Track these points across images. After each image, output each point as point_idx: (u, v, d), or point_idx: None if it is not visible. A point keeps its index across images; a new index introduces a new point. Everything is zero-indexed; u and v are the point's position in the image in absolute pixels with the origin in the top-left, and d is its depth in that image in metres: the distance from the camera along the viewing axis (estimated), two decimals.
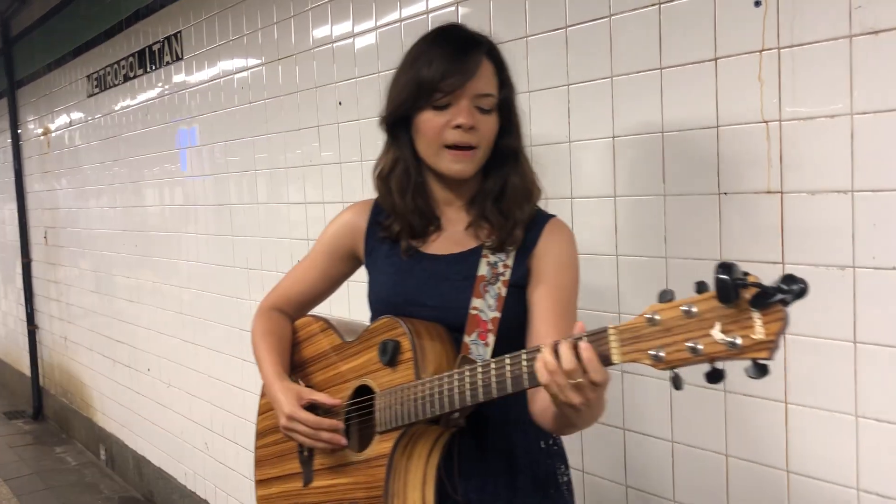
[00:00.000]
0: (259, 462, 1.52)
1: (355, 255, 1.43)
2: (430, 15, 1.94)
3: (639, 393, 1.57)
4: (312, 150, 2.44)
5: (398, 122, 1.29)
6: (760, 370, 0.81)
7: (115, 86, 3.83)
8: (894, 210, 1.17)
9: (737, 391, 1.40)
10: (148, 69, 3.46)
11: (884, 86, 1.17)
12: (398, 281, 1.31)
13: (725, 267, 0.81)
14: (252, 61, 2.69)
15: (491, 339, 1.22)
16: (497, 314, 1.23)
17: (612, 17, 1.53)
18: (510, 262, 1.25)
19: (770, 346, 0.80)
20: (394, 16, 2.06)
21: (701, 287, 0.86)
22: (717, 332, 0.84)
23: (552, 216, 1.31)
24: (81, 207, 4.45)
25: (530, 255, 1.26)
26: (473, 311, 1.24)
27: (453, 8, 1.87)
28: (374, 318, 1.33)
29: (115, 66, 3.78)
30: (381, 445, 1.23)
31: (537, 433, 1.29)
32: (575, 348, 0.95)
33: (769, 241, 1.32)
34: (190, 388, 3.39)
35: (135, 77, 3.60)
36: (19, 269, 5.57)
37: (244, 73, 2.75)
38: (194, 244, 3.23)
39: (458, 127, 1.22)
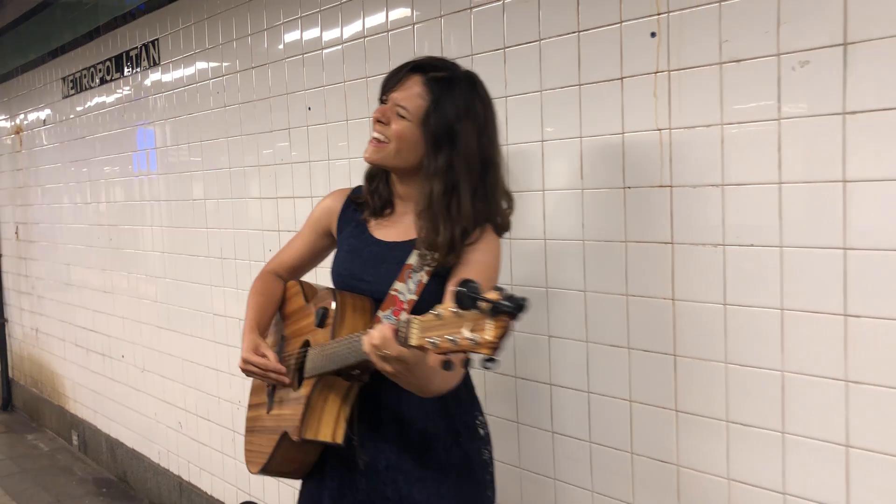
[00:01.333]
0: (251, 391, 1.83)
1: (331, 233, 1.73)
2: (390, 33, 2.23)
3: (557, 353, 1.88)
4: (283, 150, 2.71)
5: None
6: (490, 362, 1.09)
7: (90, 88, 4.04)
8: (752, 199, 1.49)
9: (637, 347, 1.71)
10: (125, 73, 3.69)
11: (745, 102, 1.49)
12: (348, 258, 1.63)
13: (463, 283, 1.09)
14: (227, 67, 2.95)
15: (404, 316, 1.44)
16: (414, 297, 1.51)
17: (542, 41, 1.83)
18: (438, 256, 1.51)
19: (492, 346, 1.08)
20: (357, 29, 2.34)
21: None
22: (466, 331, 1.10)
23: (487, 225, 1.53)
24: (53, 203, 4.65)
25: (457, 254, 1.51)
26: (393, 292, 1.53)
27: (409, 27, 2.16)
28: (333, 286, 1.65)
29: (92, 69, 4.00)
30: (305, 388, 1.55)
31: (419, 398, 1.51)
32: (384, 330, 1.27)
33: (662, 226, 1.64)
34: (163, 371, 3.63)
35: (111, 80, 3.83)
36: None
37: (219, 79, 3.01)
38: (169, 237, 3.47)
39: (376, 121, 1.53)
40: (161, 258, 3.56)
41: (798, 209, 1.44)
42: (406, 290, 1.53)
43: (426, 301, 1.49)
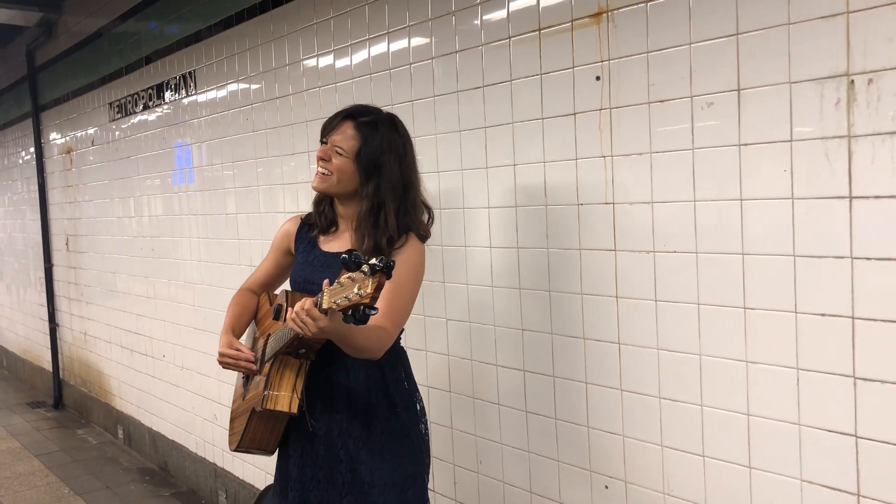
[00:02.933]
0: (233, 397, 2.21)
1: (290, 251, 2.16)
2: (391, 70, 2.59)
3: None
4: (302, 171, 3.09)
5: None
6: (371, 310, 1.50)
7: (135, 112, 4.47)
8: (675, 214, 1.81)
9: (596, 337, 2.05)
10: (165, 99, 4.11)
11: (667, 136, 1.81)
12: (302, 268, 2.06)
13: (348, 252, 1.50)
14: (255, 95, 3.34)
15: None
16: None
17: (512, 81, 2.18)
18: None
19: (371, 296, 1.48)
20: (365, 68, 2.71)
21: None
22: (355, 289, 1.50)
23: (410, 233, 1.93)
24: (100, 217, 5.09)
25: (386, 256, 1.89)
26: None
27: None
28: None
29: (136, 95, 4.43)
30: (265, 368, 1.93)
31: (375, 367, 1.95)
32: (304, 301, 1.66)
33: (607, 236, 1.97)
34: (200, 368, 4.02)
35: (153, 105, 4.25)
36: (40, 274, 6.20)
37: (247, 107, 3.40)
38: (205, 247, 3.87)
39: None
40: (197, 266, 3.96)
41: (708, 222, 1.76)
42: None
43: None
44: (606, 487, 2.04)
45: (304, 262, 2.06)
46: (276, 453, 2.08)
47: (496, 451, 2.35)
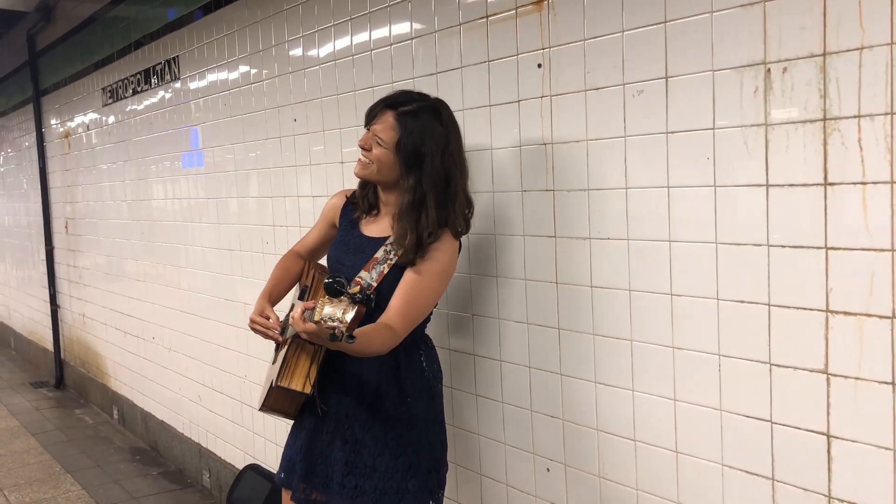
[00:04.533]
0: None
1: (335, 224, 2.16)
2: (373, 51, 2.61)
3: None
4: (271, 155, 3.12)
5: None
6: (350, 338, 1.55)
7: (125, 97, 4.53)
8: (611, 202, 1.83)
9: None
10: (152, 85, 4.16)
11: (602, 121, 1.83)
12: (338, 247, 2.08)
13: (332, 278, 1.57)
14: (233, 82, 3.38)
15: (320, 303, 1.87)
16: (374, 284, 1.92)
17: (462, 68, 2.19)
18: (402, 253, 1.91)
19: (348, 326, 1.54)
20: (344, 47, 2.73)
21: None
22: (339, 312, 1.56)
23: (445, 229, 1.91)
24: (96, 201, 5.16)
25: (423, 251, 1.90)
26: (358, 279, 1.93)
27: (386, 48, 2.54)
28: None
29: (125, 80, 4.49)
30: (285, 347, 1.95)
31: (389, 354, 1.93)
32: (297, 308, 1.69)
33: (546, 223, 1.99)
34: (187, 350, 4.09)
35: (142, 91, 4.30)
36: (43, 256, 6.30)
37: (226, 92, 3.44)
38: (190, 231, 3.93)
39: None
40: (183, 249, 4.02)
41: (639, 209, 1.78)
42: (369, 277, 1.93)
43: (384, 287, 1.91)
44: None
45: (341, 240, 2.08)
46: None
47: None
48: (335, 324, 1.54)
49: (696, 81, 1.63)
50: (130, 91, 4.45)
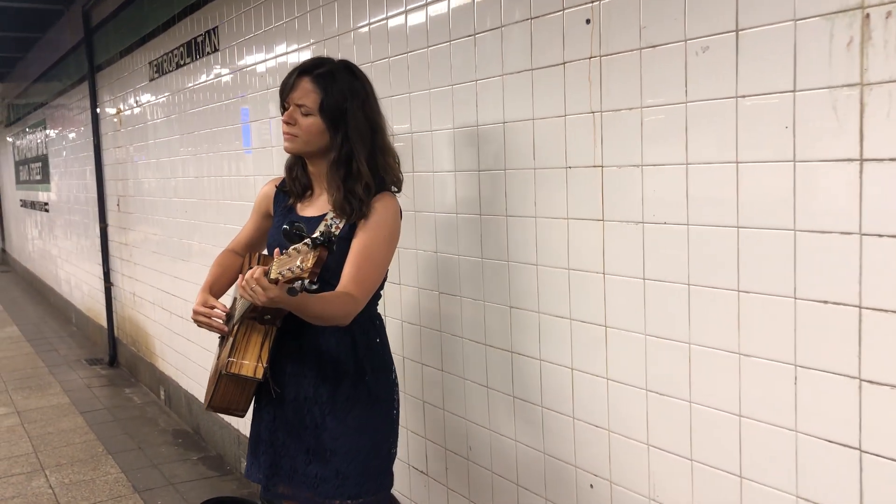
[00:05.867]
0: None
1: (270, 214, 2.07)
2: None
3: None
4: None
5: None
6: (313, 284, 1.44)
7: (169, 72, 4.40)
8: (668, 180, 1.56)
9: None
10: (194, 58, 4.00)
11: (659, 85, 1.55)
12: (276, 232, 1.95)
13: (290, 223, 1.49)
14: (270, 54, 3.18)
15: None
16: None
17: (503, 27, 1.94)
18: (342, 223, 1.83)
19: (311, 271, 1.42)
20: (362, 26, 2.51)
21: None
22: (298, 261, 1.44)
23: (386, 191, 1.87)
24: (144, 178, 5.08)
25: (368, 205, 1.82)
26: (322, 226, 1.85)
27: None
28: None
29: (170, 54, 4.35)
30: (233, 330, 1.85)
31: (345, 332, 1.88)
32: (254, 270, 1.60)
33: (592, 204, 1.73)
34: None
35: (184, 65, 4.15)
36: (98, 233, 6.29)
37: (263, 65, 3.25)
38: (236, 210, 3.77)
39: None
40: (224, 230, 3.87)
41: (702, 189, 1.50)
42: None
43: (332, 264, 1.80)
44: None
45: (278, 226, 1.99)
46: (247, 414, 2.00)
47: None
48: (297, 268, 1.43)
49: (773, 34, 1.34)
50: (174, 65, 4.31)
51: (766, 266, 1.39)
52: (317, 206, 1.95)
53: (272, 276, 1.53)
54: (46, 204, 8.88)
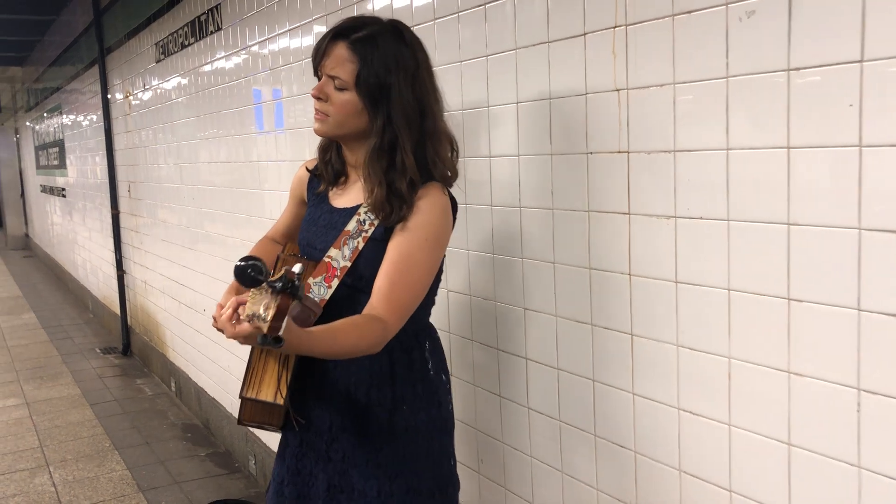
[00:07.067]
0: None
1: (304, 200, 1.76)
2: None
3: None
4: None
5: None
6: (275, 342, 1.14)
7: (174, 53, 4.22)
8: (706, 168, 1.34)
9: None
10: (198, 38, 3.81)
11: (695, 57, 1.33)
12: (306, 228, 1.68)
13: (244, 259, 1.14)
14: (273, 31, 2.99)
15: (335, 283, 1.52)
16: (348, 264, 1.52)
17: None
18: (376, 221, 1.51)
19: (270, 326, 1.12)
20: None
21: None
22: (261, 307, 1.13)
23: (434, 181, 1.51)
24: (153, 164, 4.92)
25: (409, 207, 1.49)
26: (327, 259, 1.54)
27: None
28: None
29: (174, 34, 4.17)
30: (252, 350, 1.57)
31: (383, 350, 1.50)
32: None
33: (618, 197, 1.51)
34: None
35: (188, 45, 3.97)
36: (111, 221, 6.16)
37: (267, 44, 3.05)
38: (232, 198, 3.59)
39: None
40: (230, 217, 3.69)
41: (745, 179, 1.28)
42: (340, 256, 1.54)
43: (361, 267, 1.52)
44: None
45: (310, 219, 1.68)
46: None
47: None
48: (259, 319, 1.14)
49: None
50: (179, 46, 4.13)
51: (824, 271, 1.17)
52: (350, 195, 1.62)
53: (241, 316, 1.25)
54: (63, 189, 8.79)
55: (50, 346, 6.45)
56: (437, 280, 1.59)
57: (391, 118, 1.48)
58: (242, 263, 1.16)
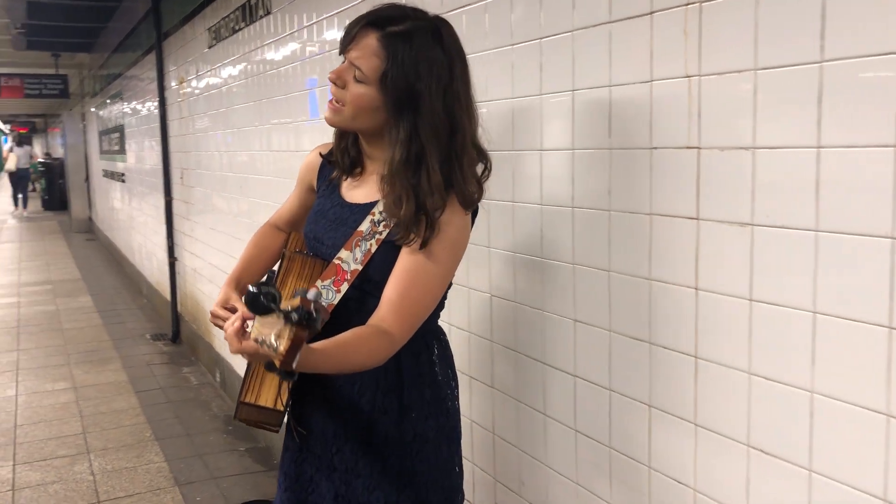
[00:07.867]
0: None
1: (313, 187, 1.64)
2: None
3: None
4: None
5: None
6: (287, 375, 1.04)
7: (226, 38, 4.13)
8: (789, 170, 1.15)
9: None
10: (248, 22, 3.71)
11: (781, 39, 1.14)
12: (314, 220, 1.55)
13: (257, 286, 1.03)
14: (324, 14, 2.86)
15: (345, 287, 1.41)
16: (359, 267, 1.40)
17: None
18: (391, 224, 1.38)
19: (282, 358, 1.01)
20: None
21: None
22: (273, 337, 1.02)
23: (453, 198, 1.37)
24: (204, 151, 4.86)
25: (431, 226, 1.35)
26: (337, 261, 1.42)
27: None
28: None
29: (226, 19, 4.08)
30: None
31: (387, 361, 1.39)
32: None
33: (686, 198, 1.32)
34: None
35: (239, 30, 3.87)
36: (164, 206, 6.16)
37: (314, 32, 2.92)
38: (287, 188, 3.48)
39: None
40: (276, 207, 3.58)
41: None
42: (351, 259, 1.42)
43: (372, 272, 1.40)
44: None
45: (318, 210, 1.56)
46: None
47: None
48: (270, 347, 1.03)
49: None
50: (230, 31, 4.04)
51: (853, 282, 0.98)
52: (364, 189, 1.50)
53: (251, 336, 1.13)
54: (123, 174, 8.89)
55: (103, 330, 6.49)
56: (448, 286, 1.48)
57: (418, 130, 1.34)
58: (255, 291, 1.04)
